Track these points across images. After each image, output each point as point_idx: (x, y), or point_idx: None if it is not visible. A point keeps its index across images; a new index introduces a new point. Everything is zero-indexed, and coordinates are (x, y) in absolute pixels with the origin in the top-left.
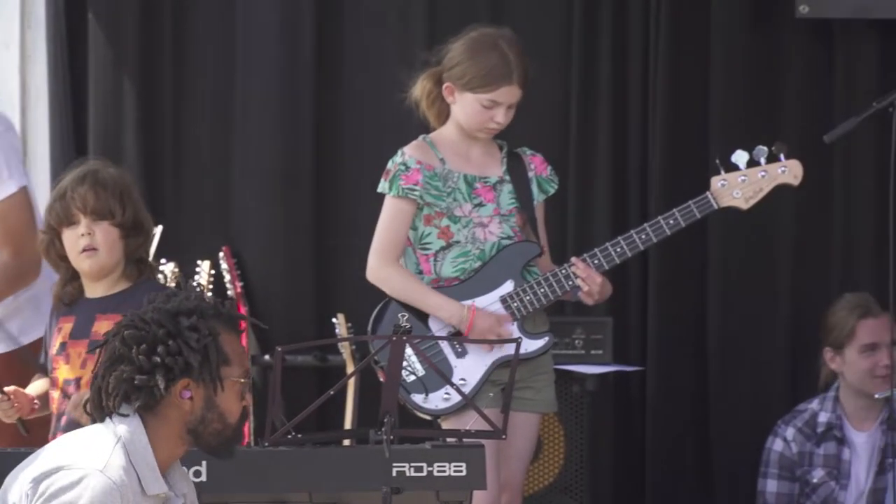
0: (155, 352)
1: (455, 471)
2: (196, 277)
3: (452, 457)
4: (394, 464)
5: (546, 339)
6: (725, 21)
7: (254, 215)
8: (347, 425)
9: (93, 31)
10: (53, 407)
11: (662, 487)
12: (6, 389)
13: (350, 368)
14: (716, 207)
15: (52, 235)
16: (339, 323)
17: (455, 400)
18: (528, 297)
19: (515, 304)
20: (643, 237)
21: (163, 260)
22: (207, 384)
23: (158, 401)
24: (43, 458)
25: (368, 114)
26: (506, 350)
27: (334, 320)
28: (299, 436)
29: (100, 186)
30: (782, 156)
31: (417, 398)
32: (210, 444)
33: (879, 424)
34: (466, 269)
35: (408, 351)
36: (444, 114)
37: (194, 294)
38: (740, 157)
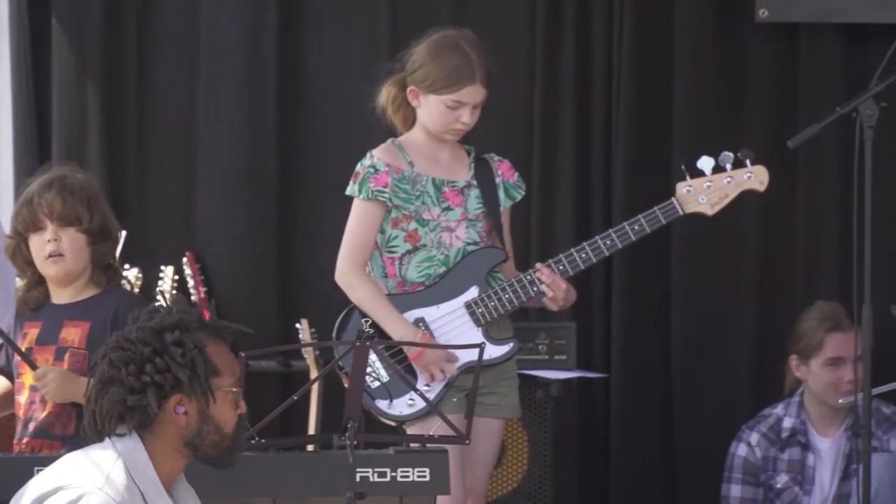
0: (143, 371)
1: (419, 476)
2: (160, 283)
3: (416, 462)
4: (357, 469)
5: (510, 346)
6: (689, 24)
7: (217, 221)
8: (311, 431)
9: (56, 37)
10: (20, 412)
11: (627, 493)
12: None
13: (314, 374)
14: (681, 213)
15: (19, 240)
16: (303, 328)
17: (419, 406)
18: (493, 303)
19: (480, 310)
20: (608, 243)
21: (126, 265)
22: (199, 397)
23: (153, 419)
24: (43, 479)
25: (332, 119)
26: (470, 355)
27: (298, 326)
28: (263, 441)
29: (67, 192)
30: (748, 161)
31: (382, 404)
32: (209, 456)
33: (844, 430)
34: (431, 275)
35: (372, 357)
36: (410, 119)
37: (177, 308)
38: (706, 163)
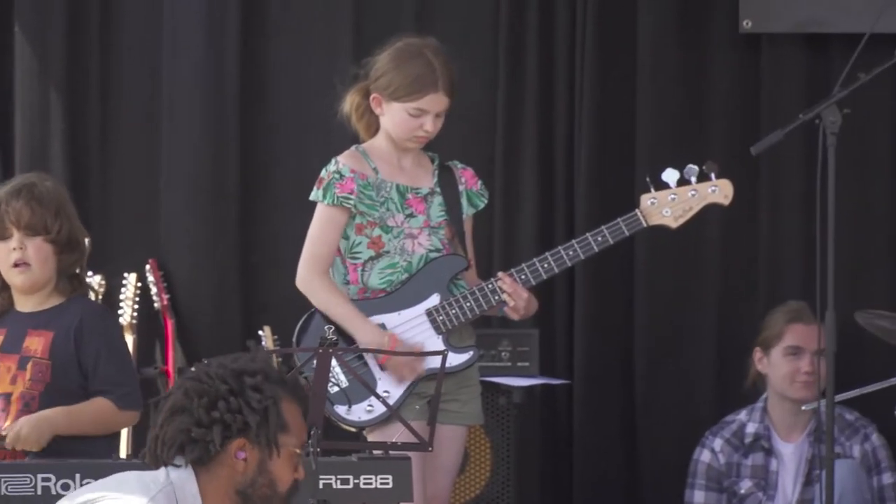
0: (215, 407)
1: (381, 483)
2: (123, 290)
3: (379, 469)
4: (320, 476)
5: (471, 354)
6: (652, 33)
7: (180, 228)
8: None
9: (19, 44)
10: None
11: (589, 499)
12: None
13: None
14: (645, 225)
15: None
16: (266, 336)
17: (378, 412)
18: (454, 311)
19: (441, 318)
20: (570, 254)
21: (89, 272)
22: (263, 447)
23: (212, 457)
24: (93, 487)
25: (293, 125)
26: (430, 363)
27: (260, 333)
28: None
29: (35, 202)
30: (713, 175)
31: (340, 409)
32: None
33: (807, 436)
34: (393, 282)
35: (332, 361)
36: (374, 126)
37: (262, 356)
38: (671, 176)
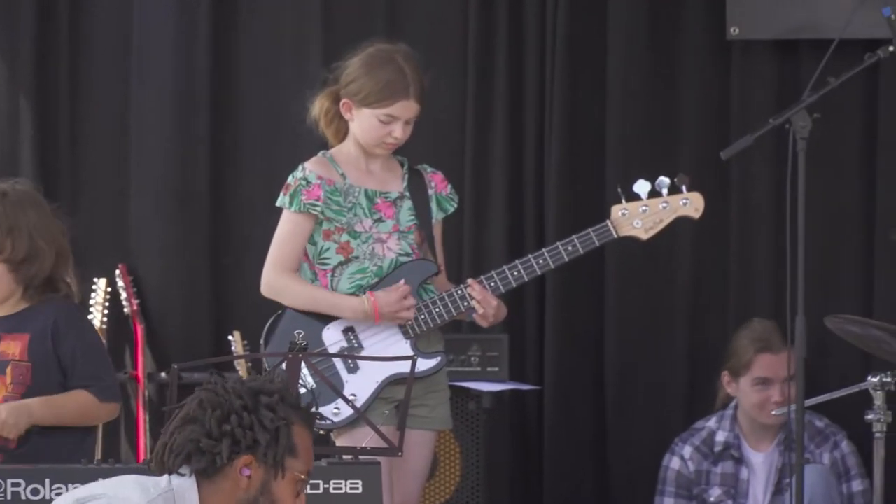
0: (227, 420)
1: (351, 488)
2: (93, 295)
3: (348, 474)
4: None
5: (439, 359)
6: (623, 39)
7: (150, 233)
8: None
9: None
10: None
11: None
12: None
13: None
14: (615, 236)
15: None
16: (235, 340)
17: (345, 415)
18: (423, 316)
19: (410, 323)
20: (541, 262)
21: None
22: (269, 468)
23: (218, 470)
24: (91, 486)
25: (263, 131)
26: (398, 367)
27: (230, 338)
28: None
29: None
30: (684, 188)
31: None
32: None
33: (777, 445)
34: (363, 286)
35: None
36: (343, 132)
37: (281, 379)
38: (642, 187)
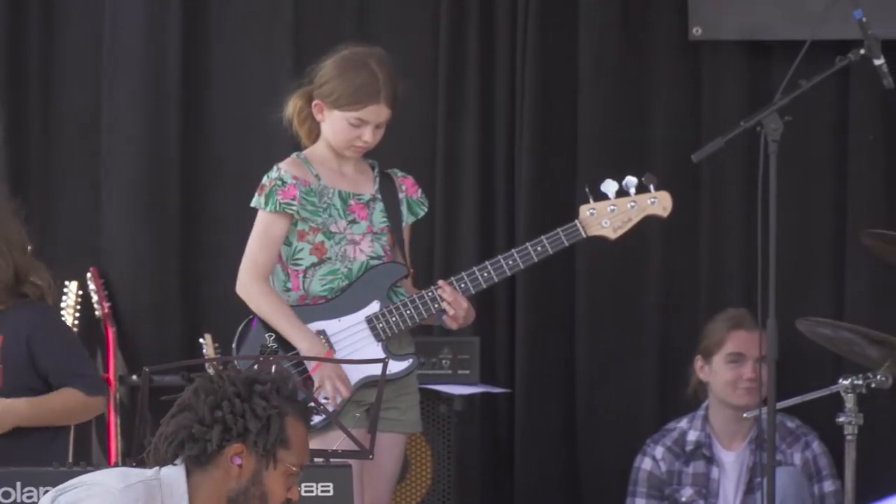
0: (219, 406)
1: (322, 491)
2: (64, 298)
3: (319, 477)
4: None
5: (410, 361)
6: (594, 42)
7: (121, 236)
8: None
9: None
10: None
11: None
12: None
13: None
14: (584, 236)
15: None
16: (207, 343)
17: (316, 418)
18: (394, 319)
19: (381, 325)
20: (511, 263)
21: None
22: (260, 457)
23: (210, 458)
24: (81, 475)
25: (234, 134)
26: (370, 370)
27: (201, 340)
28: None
29: None
30: (652, 187)
31: None
32: None
33: (748, 444)
34: (334, 288)
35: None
36: (315, 132)
37: (281, 369)
38: (610, 187)
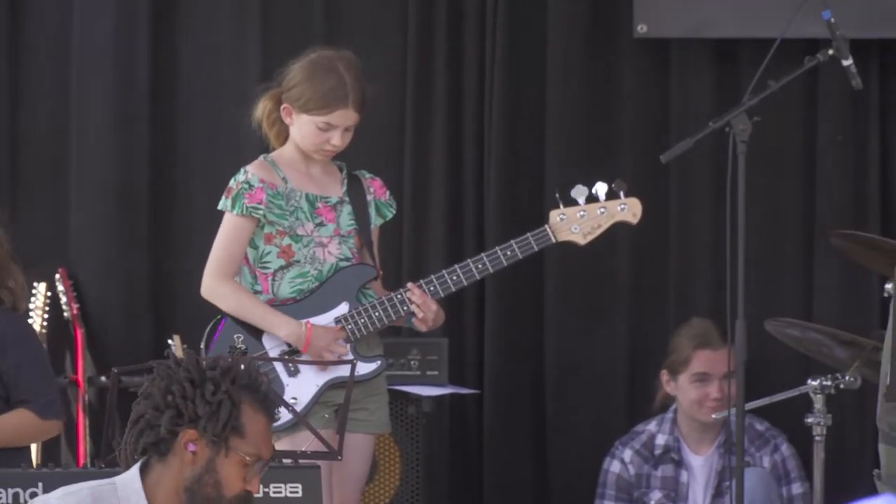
0: (170, 391)
1: (291, 492)
2: (32, 299)
3: (288, 478)
4: None
5: (378, 363)
6: (562, 44)
7: (90, 237)
8: None
9: None
10: None
11: None
12: None
13: None
14: (553, 241)
15: None
16: (176, 344)
17: (284, 419)
18: (363, 320)
19: (350, 327)
20: (479, 267)
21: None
22: (212, 444)
23: (168, 446)
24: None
25: (202, 135)
26: (338, 371)
27: (170, 342)
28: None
29: None
30: (622, 193)
31: None
32: None
33: (717, 447)
34: (303, 291)
35: None
36: (284, 134)
37: (248, 362)
38: (580, 192)
